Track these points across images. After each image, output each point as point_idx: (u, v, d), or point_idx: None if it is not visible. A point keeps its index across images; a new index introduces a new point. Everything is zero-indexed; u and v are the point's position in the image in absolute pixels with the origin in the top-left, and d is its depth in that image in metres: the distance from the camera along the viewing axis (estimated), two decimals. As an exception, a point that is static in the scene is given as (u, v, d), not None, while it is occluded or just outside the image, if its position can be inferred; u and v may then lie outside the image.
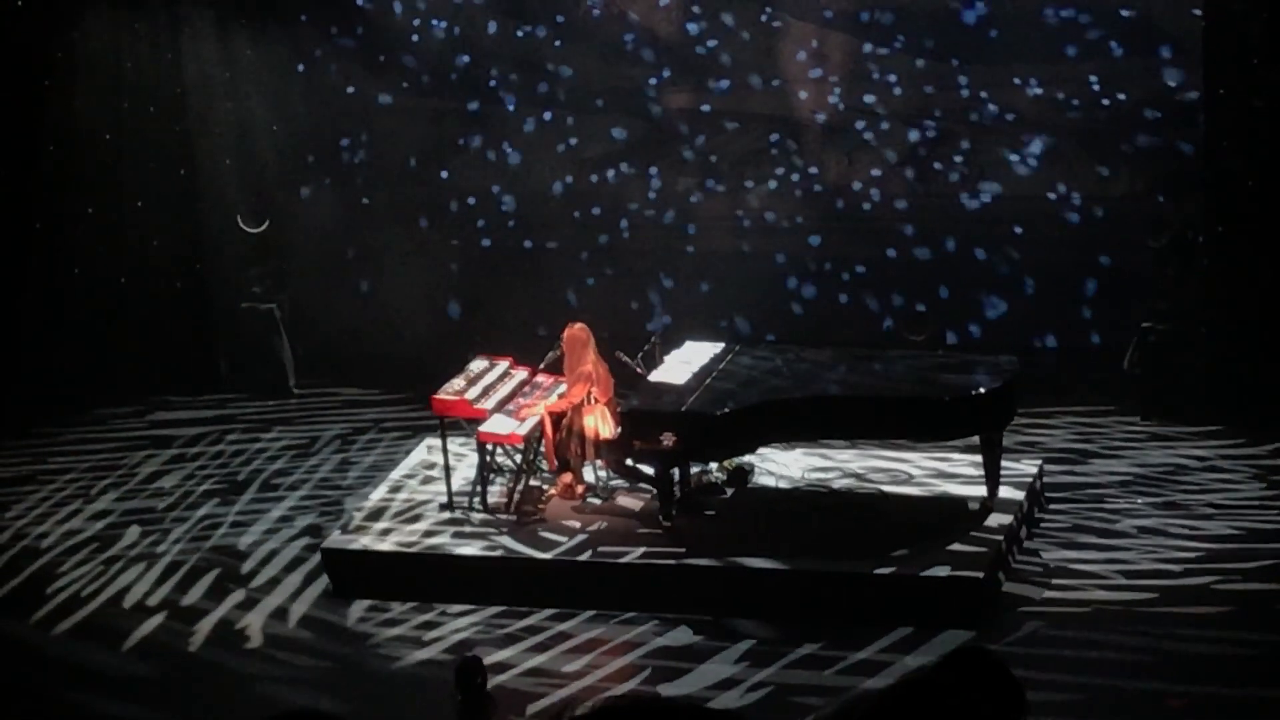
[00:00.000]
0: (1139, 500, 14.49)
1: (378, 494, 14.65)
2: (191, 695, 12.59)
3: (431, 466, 14.87)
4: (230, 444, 16.58)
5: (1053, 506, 14.49)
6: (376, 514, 14.24)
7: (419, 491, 14.60)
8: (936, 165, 16.96)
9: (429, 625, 13.19)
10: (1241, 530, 14.02)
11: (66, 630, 13.38)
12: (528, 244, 17.78)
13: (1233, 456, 15.30)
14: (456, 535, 13.85)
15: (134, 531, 14.83)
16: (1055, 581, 13.32)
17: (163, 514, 15.16)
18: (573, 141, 17.66)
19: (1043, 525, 14.20)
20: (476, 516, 14.04)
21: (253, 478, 15.82)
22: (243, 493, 15.53)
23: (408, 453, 15.54)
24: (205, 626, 13.37)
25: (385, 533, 13.93)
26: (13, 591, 13.98)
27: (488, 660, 11.30)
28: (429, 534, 13.88)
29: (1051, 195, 16.71)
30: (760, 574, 13.17)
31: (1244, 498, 14.59)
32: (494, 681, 11.26)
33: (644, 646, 12.77)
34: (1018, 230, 16.78)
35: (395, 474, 15.02)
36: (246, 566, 14.23)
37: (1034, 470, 14.46)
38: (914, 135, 17.01)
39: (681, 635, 12.87)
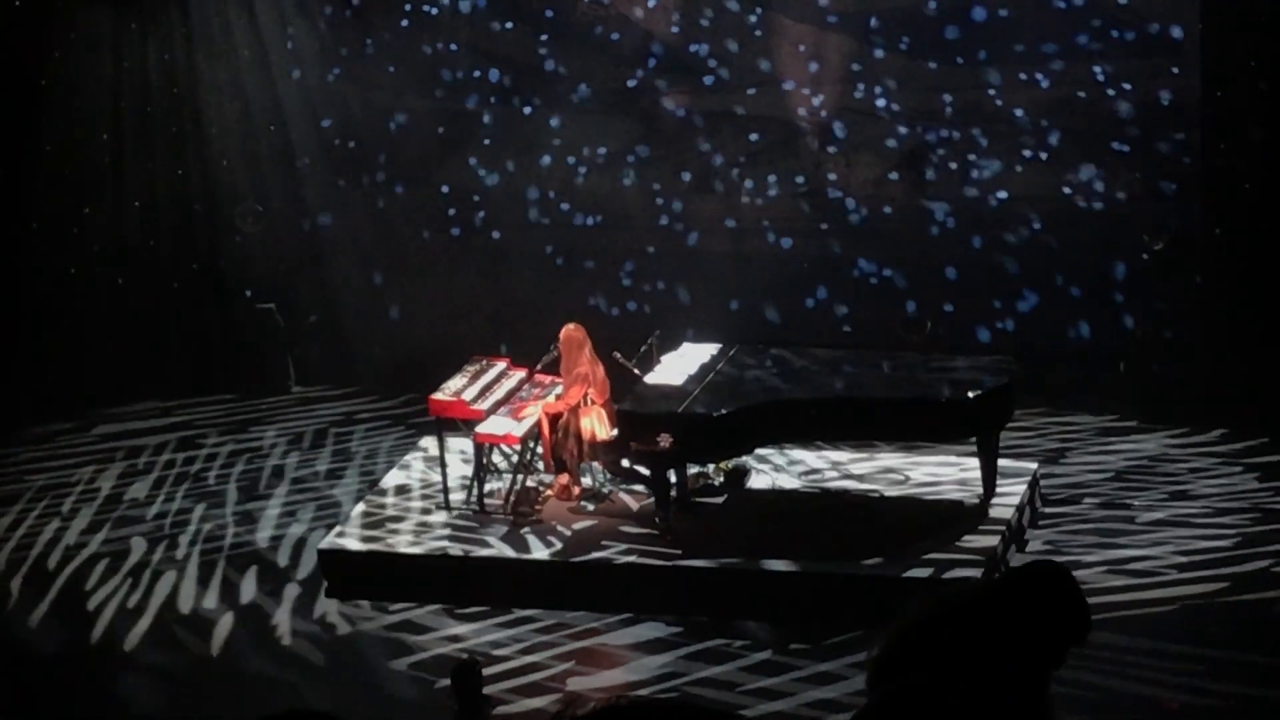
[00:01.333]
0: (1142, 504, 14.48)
1: (374, 494, 14.65)
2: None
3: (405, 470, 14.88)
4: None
5: (1049, 507, 14.48)
6: (373, 514, 14.23)
7: (414, 492, 14.59)
8: (933, 166, 16.92)
9: (424, 626, 13.20)
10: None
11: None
12: (522, 243, 17.75)
13: (1225, 452, 15.31)
14: (452, 536, 13.84)
15: (140, 542, 14.72)
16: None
17: (159, 521, 15.13)
18: (571, 142, 17.62)
19: (1039, 525, 14.20)
20: (473, 517, 14.03)
21: (247, 479, 15.84)
22: (254, 492, 15.51)
23: (395, 451, 15.58)
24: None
25: (382, 533, 13.93)
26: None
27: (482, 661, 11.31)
28: (425, 535, 13.87)
29: (1047, 196, 16.68)
30: (756, 575, 13.17)
31: (1245, 489, 14.66)
32: (488, 683, 11.26)
33: (621, 644, 12.88)
34: (1013, 231, 16.76)
35: (391, 474, 15.01)
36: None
37: (1030, 470, 14.45)
38: (909, 136, 16.98)
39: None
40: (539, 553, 13.53)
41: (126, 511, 15.25)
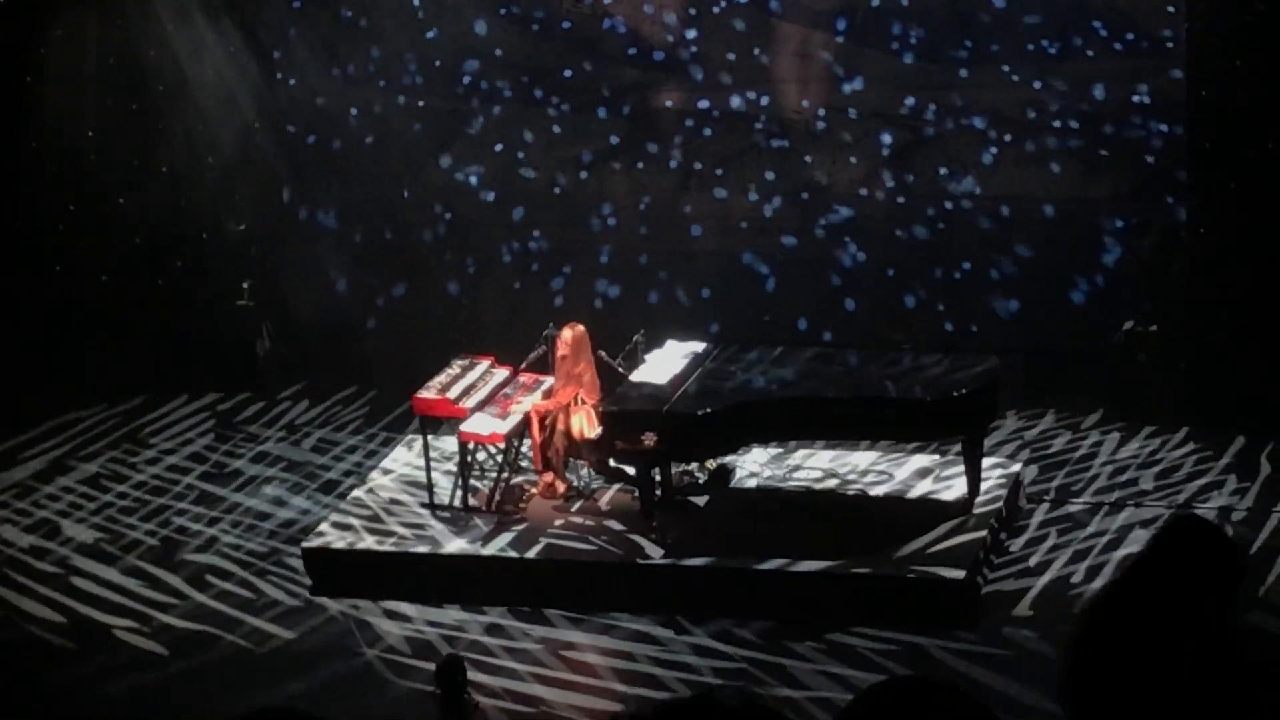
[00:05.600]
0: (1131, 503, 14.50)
1: (356, 493, 14.62)
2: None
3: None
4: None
5: (1036, 506, 14.48)
6: (356, 512, 14.20)
7: (397, 490, 14.57)
8: (916, 166, 16.93)
9: (406, 624, 13.19)
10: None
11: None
12: (507, 243, 17.73)
13: (1214, 455, 15.31)
14: (436, 534, 13.83)
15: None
16: (1041, 582, 13.31)
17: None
18: (558, 142, 17.61)
19: (1026, 525, 14.20)
20: (457, 515, 14.01)
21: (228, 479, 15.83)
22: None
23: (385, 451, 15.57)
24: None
25: (365, 531, 13.91)
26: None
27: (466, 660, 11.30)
28: (409, 533, 13.86)
29: (1036, 196, 16.69)
30: (740, 574, 13.17)
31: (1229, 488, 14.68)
32: (471, 681, 11.24)
33: (610, 645, 12.87)
34: (998, 230, 16.77)
35: (374, 472, 14.99)
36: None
37: (1016, 469, 14.46)
38: (896, 137, 16.99)
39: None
40: (523, 551, 13.52)
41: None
